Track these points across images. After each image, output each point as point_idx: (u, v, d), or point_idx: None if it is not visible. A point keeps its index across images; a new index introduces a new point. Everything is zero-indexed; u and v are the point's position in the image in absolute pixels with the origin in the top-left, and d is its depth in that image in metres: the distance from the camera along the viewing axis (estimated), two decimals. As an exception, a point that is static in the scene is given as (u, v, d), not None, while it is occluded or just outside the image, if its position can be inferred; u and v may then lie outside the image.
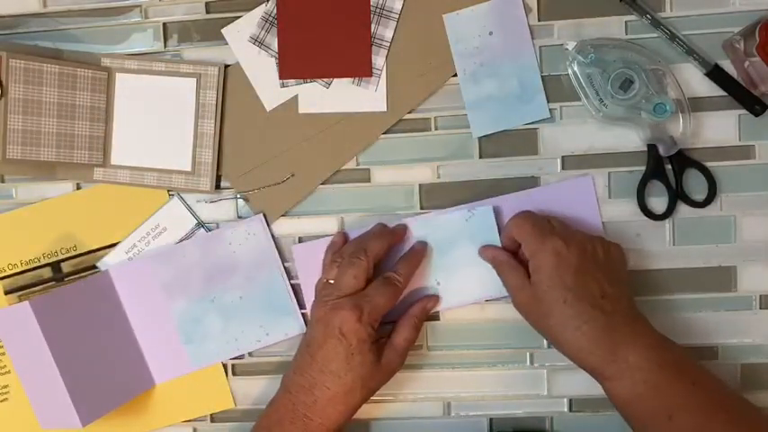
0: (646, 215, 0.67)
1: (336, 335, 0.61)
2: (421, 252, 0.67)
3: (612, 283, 0.60)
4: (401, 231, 0.68)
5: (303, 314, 0.70)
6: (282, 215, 0.70)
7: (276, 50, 0.68)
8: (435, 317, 0.69)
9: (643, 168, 0.66)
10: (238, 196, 0.70)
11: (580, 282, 0.58)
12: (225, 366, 0.71)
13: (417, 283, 0.68)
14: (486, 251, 0.66)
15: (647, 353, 0.57)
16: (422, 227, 0.68)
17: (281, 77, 0.69)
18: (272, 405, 0.64)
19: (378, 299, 0.62)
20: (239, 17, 0.69)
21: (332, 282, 0.63)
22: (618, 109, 0.65)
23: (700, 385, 0.57)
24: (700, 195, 0.66)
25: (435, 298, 0.68)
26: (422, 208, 0.69)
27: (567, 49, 0.66)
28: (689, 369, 0.58)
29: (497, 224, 0.67)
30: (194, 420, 0.72)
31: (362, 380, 0.62)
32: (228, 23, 0.69)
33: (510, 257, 0.64)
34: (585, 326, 0.58)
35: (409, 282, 0.65)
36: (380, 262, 0.65)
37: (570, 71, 0.66)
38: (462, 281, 0.68)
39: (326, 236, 0.69)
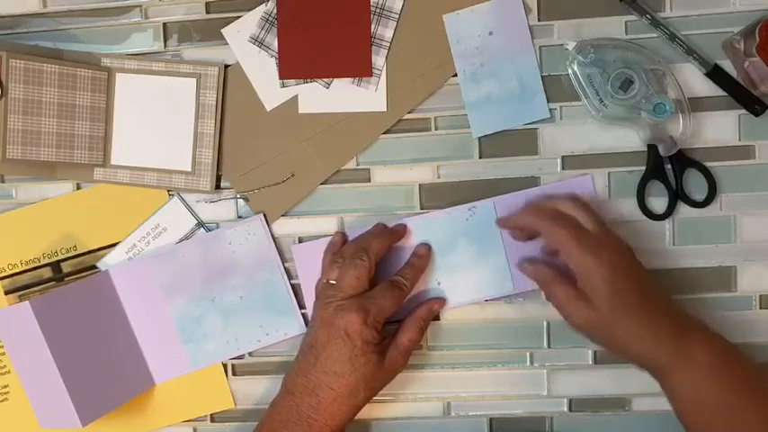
0: (646, 215, 0.67)
1: (341, 336, 0.61)
2: (426, 256, 0.67)
3: (653, 283, 0.60)
4: (401, 231, 0.68)
5: (303, 314, 0.70)
6: (282, 215, 0.70)
7: (276, 50, 0.68)
8: (435, 317, 0.69)
9: (643, 168, 0.66)
10: (238, 196, 0.70)
11: (638, 292, 0.57)
12: (225, 366, 0.71)
13: (418, 283, 0.68)
14: (527, 267, 0.62)
15: (709, 344, 0.57)
16: (422, 227, 0.68)
17: (281, 77, 0.69)
18: (274, 407, 0.64)
19: (383, 302, 0.62)
20: (239, 17, 0.69)
21: (333, 282, 0.63)
22: (618, 109, 0.65)
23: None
24: (700, 195, 0.66)
25: (441, 300, 0.68)
26: (422, 208, 0.69)
27: (567, 49, 0.66)
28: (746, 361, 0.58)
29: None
30: (194, 420, 0.72)
31: (366, 380, 0.62)
32: (228, 23, 0.69)
33: (557, 274, 0.60)
34: (651, 333, 0.57)
35: (414, 286, 0.66)
36: (381, 262, 0.65)
37: (570, 71, 0.66)
38: (462, 281, 0.68)
39: (326, 236, 0.69)
